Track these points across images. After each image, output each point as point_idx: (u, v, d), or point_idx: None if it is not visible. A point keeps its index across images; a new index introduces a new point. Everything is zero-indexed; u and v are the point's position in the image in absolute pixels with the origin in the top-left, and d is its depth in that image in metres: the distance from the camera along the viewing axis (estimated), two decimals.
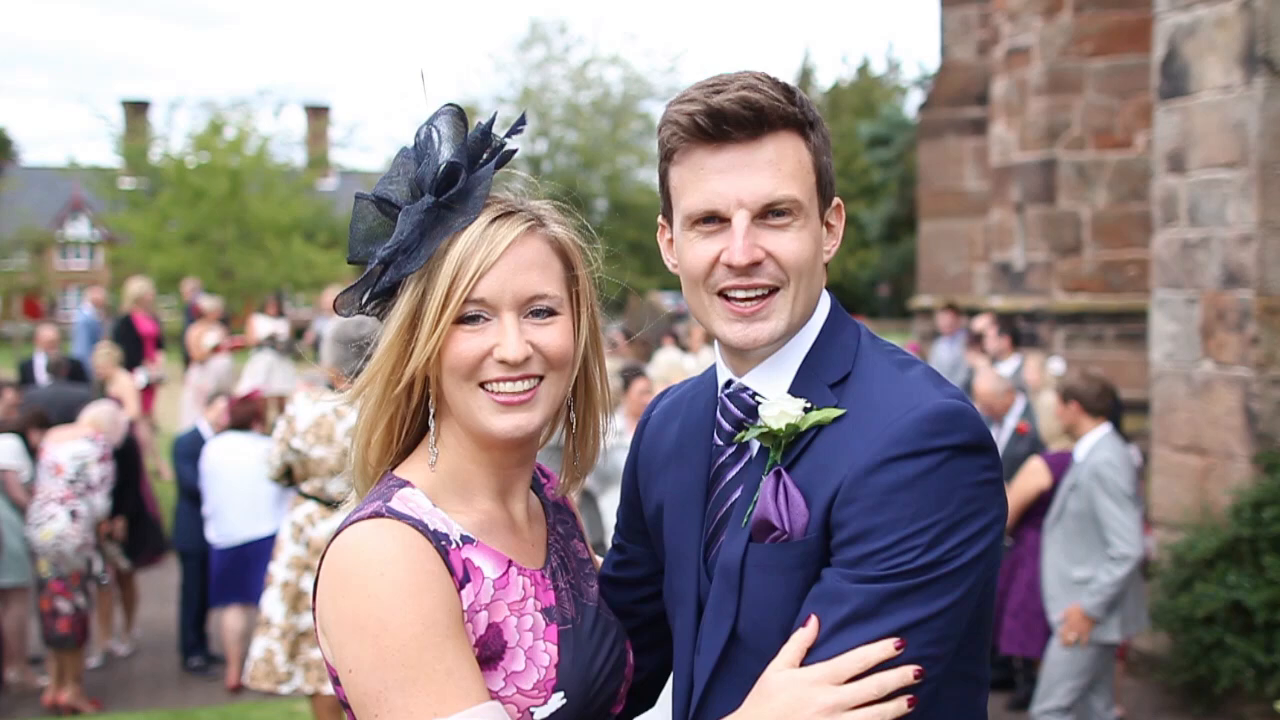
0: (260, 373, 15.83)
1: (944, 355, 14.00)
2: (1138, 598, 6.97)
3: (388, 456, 2.16)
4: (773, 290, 2.06)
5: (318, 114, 62.24)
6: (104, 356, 13.37)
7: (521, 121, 2.16)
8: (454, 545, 2.03)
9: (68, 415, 9.66)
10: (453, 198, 2.07)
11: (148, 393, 15.72)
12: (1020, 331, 12.31)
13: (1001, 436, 8.73)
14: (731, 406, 2.15)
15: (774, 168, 2.03)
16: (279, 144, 37.99)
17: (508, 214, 2.09)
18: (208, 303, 17.13)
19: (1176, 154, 8.94)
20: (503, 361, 2.04)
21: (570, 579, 2.24)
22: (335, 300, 2.16)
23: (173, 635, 9.93)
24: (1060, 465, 7.50)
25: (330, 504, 6.80)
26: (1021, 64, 14.22)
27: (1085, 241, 13.56)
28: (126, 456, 9.87)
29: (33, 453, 9.30)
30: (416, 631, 1.90)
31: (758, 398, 2.11)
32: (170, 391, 18.87)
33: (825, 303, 2.17)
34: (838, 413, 2.02)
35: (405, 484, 2.09)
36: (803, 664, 1.92)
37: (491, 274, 2.04)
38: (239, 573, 9.00)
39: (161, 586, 10.88)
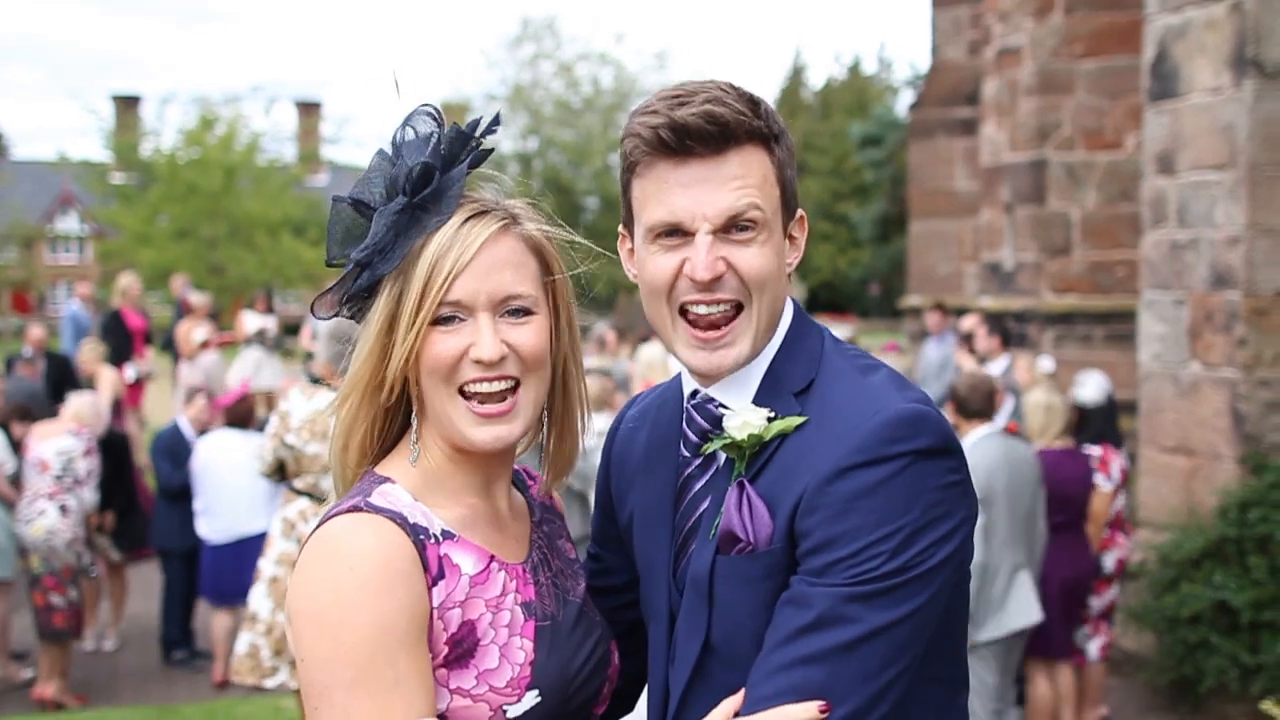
0: (248, 368, 15.81)
1: (933, 355, 14.01)
2: (986, 604, 6.83)
3: (366, 458, 2.15)
4: (736, 308, 2.04)
5: (309, 110, 62.14)
6: (89, 352, 13.34)
7: (495, 121, 2.15)
8: (432, 540, 2.02)
9: (33, 410, 9.71)
10: (426, 198, 2.06)
11: (137, 388, 15.68)
12: (1009, 331, 12.33)
13: None
14: (697, 417, 2.14)
15: (738, 182, 2.01)
16: (270, 140, 37.93)
17: (481, 213, 2.09)
18: (197, 298, 17.09)
19: (1166, 155, 8.96)
20: (478, 361, 2.03)
21: (552, 576, 2.22)
22: (313, 303, 2.16)
23: (158, 630, 9.90)
24: (1046, 464, 7.51)
25: (323, 500, 6.80)
26: (1012, 64, 14.24)
27: (1074, 242, 13.58)
28: (116, 450, 9.87)
29: (15, 446, 9.29)
30: (373, 633, 1.90)
31: (722, 408, 2.10)
32: (159, 387, 18.83)
33: (788, 310, 2.16)
34: (800, 420, 2.02)
35: (386, 480, 2.08)
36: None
37: (465, 274, 2.03)
38: (236, 569, 8.97)
39: (147, 582, 10.86)
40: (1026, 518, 6.83)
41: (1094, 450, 7.94)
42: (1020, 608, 6.81)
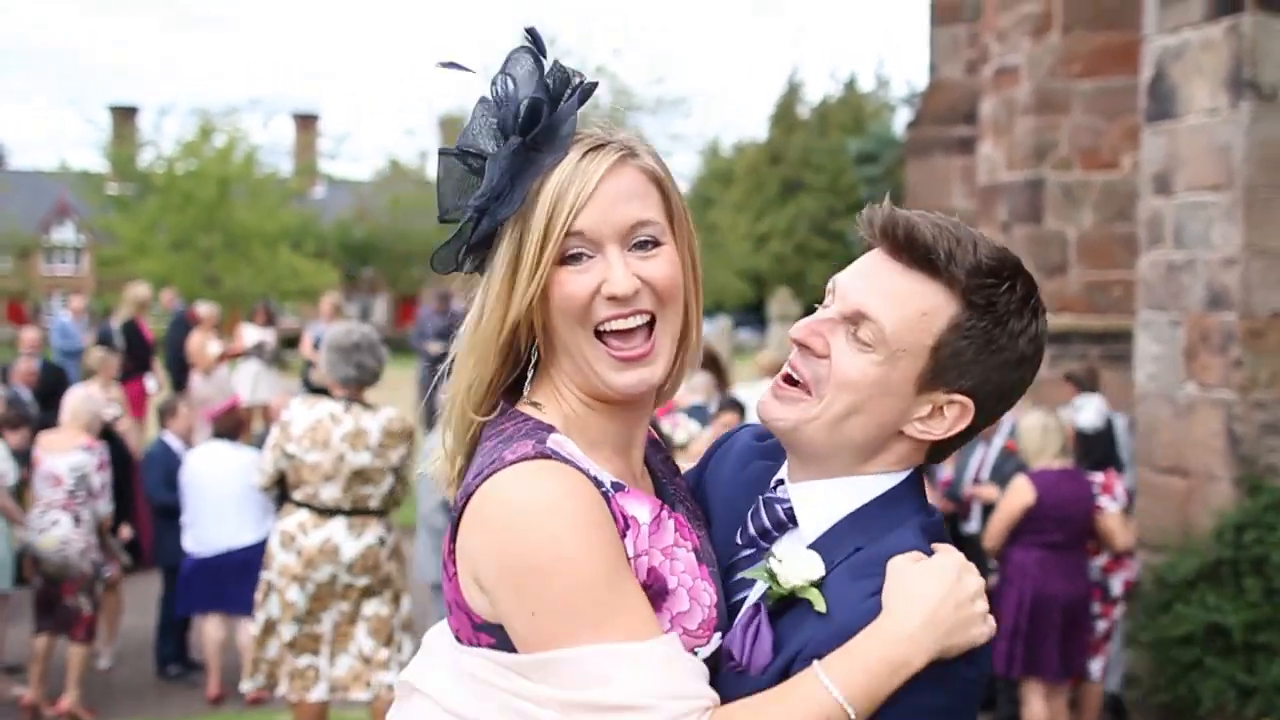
0: (247, 382, 15.80)
1: None
2: None
3: (487, 410, 2.08)
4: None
5: (306, 122, 62.17)
6: (107, 363, 13.18)
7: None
8: (610, 493, 1.96)
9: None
10: (539, 137, 1.98)
11: (145, 399, 15.67)
12: None
13: (989, 455, 8.78)
14: (763, 513, 2.10)
15: None
16: (267, 152, 37.99)
17: (599, 146, 2.01)
18: (204, 309, 16.94)
19: (1162, 176, 8.99)
20: (612, 298, 1.96)
21: (700, 524, 2.17)
22: (432, 258, 2.09)
23: (152, 645, 9.88)
24: (1044, 483, 7.52)
25: (322, 511, 6.79)
26: (1009, 83, 14.28)
27: (1071, 261, 13.60)
28: (121, 463, 9.94)
29: (16, 455, 9.29)
30: (601, 568, 1.85)
31: (791, 522, 2.07)
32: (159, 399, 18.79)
33: (906, 475, 2.10)
34: (821, 605, 1.94)
35: (552, 429, 2.00)
36: None
37: (589, 207, 1.96)
38: (220, 582, 8.97)
39: (142, 597, 10.84)
40: None
41: (1096, 476, 7.95)
42: None
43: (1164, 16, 8.95)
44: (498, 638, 1.94)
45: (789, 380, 2.06)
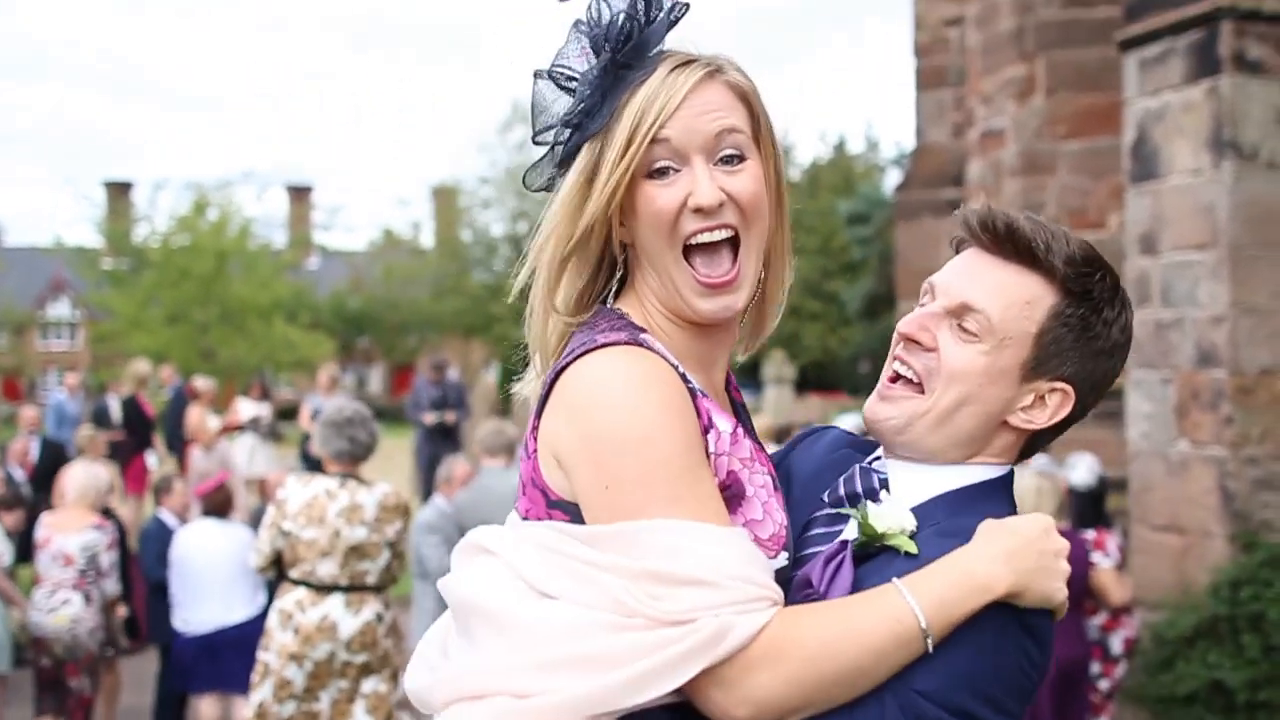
0: (243, 456, 15.80)
1: None
2: None
3: (584, 311, 2.09)
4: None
5: (300, 194, 62.52)
6: (95, 441, 13.21)
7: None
8: (696, 391, 1.99)
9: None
10: (629, 54, 2.02)
11: (145, 475, 15.66)
12: None
13: None
14: (857, 479, 2.12)
15: None
16: (262, 225, 38.17)
17: (686, 63, 2.04)
18: (202, 384, 16.99)
19: (1148, 236, 9.09)
20: (698, 210, 1.99)
21: (772, 468, 2.18)
22: (524, 177, 2.14)
23: None
24: None
25: (320, 588, 6.78)
26: (996, 146, 14.43)
27: None
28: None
29: (10, 536, 9.28)
30: (680, 450, 1.87)
31: (884, 489, 2.09)
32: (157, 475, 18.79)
33: (1002, 468, 2.15)
34: (912, 548, 1.98)
35: (643, 329, 2.03)
36: None
37: (675, 118, 1.98)
38: (213, 660, 8.90)
39: (139, 676, 10.78)
40: None
41: (1088, 534, 7.97)
42: None
43: (1144, 79, 9.09)
44: (571, 515, 1.95)
45: (895, 379, 2.13)
